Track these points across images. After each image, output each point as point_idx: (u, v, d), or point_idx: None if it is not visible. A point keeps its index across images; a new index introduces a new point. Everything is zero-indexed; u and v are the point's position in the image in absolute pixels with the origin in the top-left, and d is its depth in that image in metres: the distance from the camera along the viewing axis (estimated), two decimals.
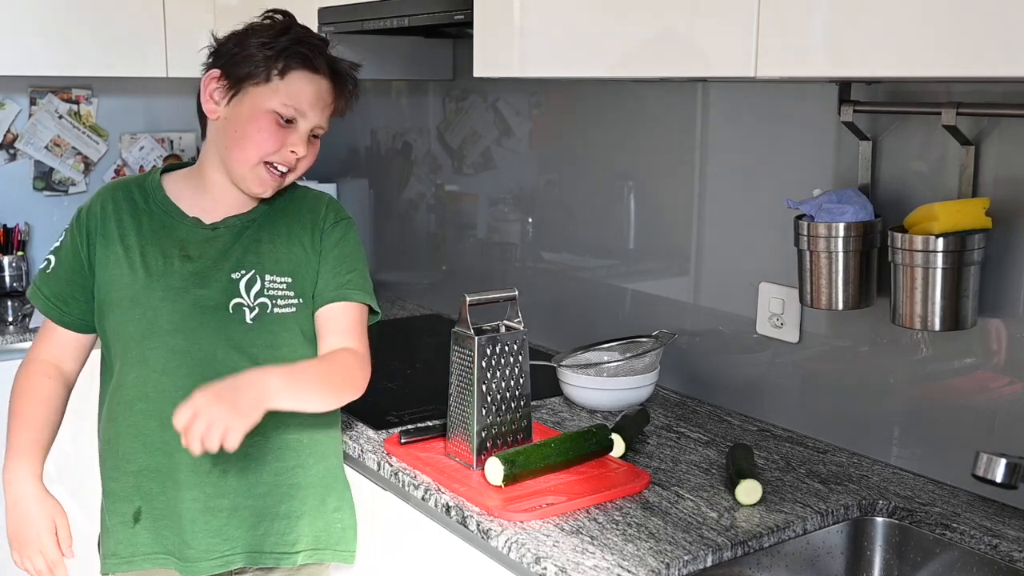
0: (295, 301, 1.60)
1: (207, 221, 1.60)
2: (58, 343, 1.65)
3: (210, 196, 1.61)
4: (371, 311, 1.66)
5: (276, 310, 1.58)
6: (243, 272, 1.58)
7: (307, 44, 1.55)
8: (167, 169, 1.68)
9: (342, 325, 1.61)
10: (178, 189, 1.62)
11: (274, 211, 1.64)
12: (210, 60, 1.59)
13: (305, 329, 1.61)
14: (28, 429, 1.61)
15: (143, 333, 1.56)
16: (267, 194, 1.59)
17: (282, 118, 1.54)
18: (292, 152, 1.55)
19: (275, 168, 1.56)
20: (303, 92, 1.54)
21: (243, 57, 1.53)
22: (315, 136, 1.59)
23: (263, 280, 1.58)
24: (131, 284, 1.56)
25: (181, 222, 1.59)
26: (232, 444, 1.34)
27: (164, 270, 1.56)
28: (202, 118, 1.62)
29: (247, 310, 1.57)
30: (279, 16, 1.59)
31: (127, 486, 1.62)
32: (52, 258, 1.63)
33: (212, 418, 1.33)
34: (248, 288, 1.57)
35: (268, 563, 1.63)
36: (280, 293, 1.59)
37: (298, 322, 1.60)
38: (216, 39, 1.60)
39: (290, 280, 1.60)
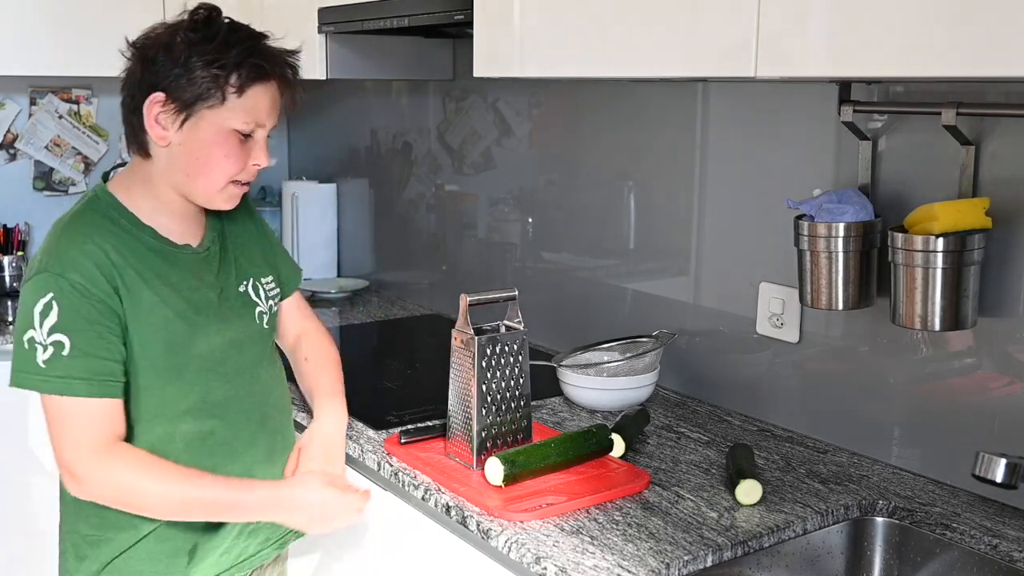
0: (279, 294, 1.68)
1: (194, 245, 1.54)
2: (111, 416, 1.42)
3: (179, 218, 1.52)
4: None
5: (274, 308, 1.65)
6: (246, 282, 1.60)
7: (256, 53, 1.44)
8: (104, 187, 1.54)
9: (304, 307, 1.79)
10: (149, 215, 1.50)
11: (222, 216, 1.60)
12: (138, 74, 1.46)
13: None
14: (217, 480, 1.47)
15: (199, 372, 1.50)
16: (232, 206, 1.54)
17: (242, 134, 1.46)
18: (256, 165, 1.49)
19: (239, 183, 1.51)
20: (261, 104, 1.46)
21: (189, 80, 1.41)
22: (268, 137, 1.53)
23: (260, 284, 1.62)
24: (170, 331, 1.46)
25: (179, 251, 1.51)
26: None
27: (195, 307, 1.49)
28: (132, 132, 1.50)
29: (265, 316, 1.62)
30: (201, 12, 1.46)
31: (179, 526, 1.52)
32: (63, 339, 1.37)
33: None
34: (256, 295, 1.60)
35: (287, 545, 1.71)
36: (272, 292, 1.65)
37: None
38: (135, 46, 1.48)
39: (271, 277, 1.66)
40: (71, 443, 1.40)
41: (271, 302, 1.63)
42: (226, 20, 1.48)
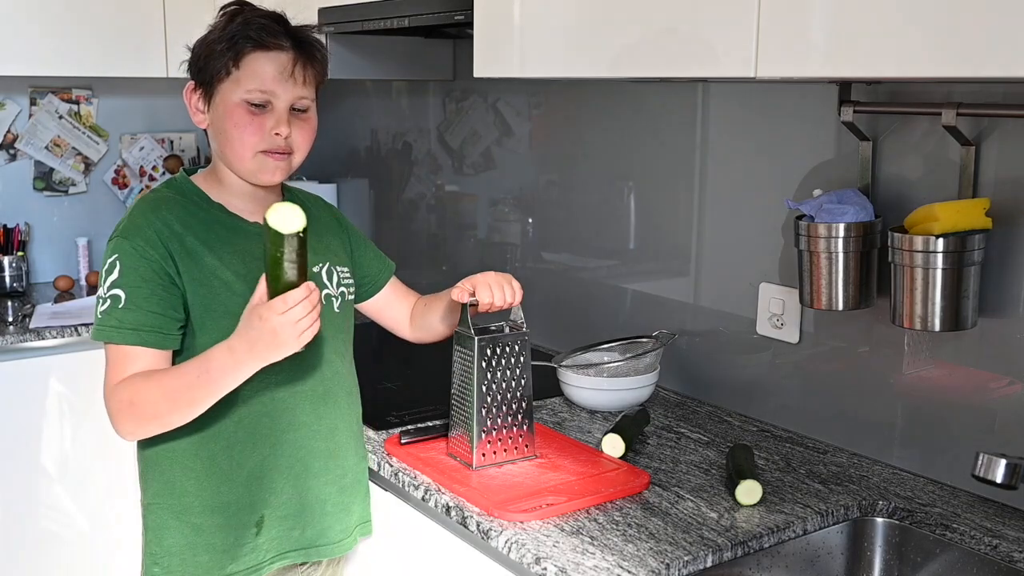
0: (355, 289, 1.71)
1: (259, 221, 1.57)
2: (151, 364, 1.48)
3: (249, 198, 1.58)
4: None
5: (349, 297, 1.69)
6: (320, 265, 1.63)
7: (254, 25, 1.51)
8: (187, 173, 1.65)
9: (404, 288, 1.86)
10: (218, 195, 1.58)
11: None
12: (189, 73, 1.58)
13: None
14: (176, 369, 1.48)
15: None
16: (279, 179, 1.57)
17: (252, 105, 1.51)
18: (276, 135, 1.52)
19: (272, 153, 1.54)
20: (263, 72, 1.51)
21: (205, 59, 1.53)
22: (299, 110, 1.55)
23: (336, 271, 1.66)
24: (233, 296, 1.49)
25: (246, 228, 1.56)
26: None
27: (258, 275, 1.48)
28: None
29: (335, 299, 1.64)
30: (231, 7, 1.56)
31: (243, 497, 1.55)
32: (119, 292, 1.47)
33: None
34: (330, 279, 1.63)
35: (366, 532, 1.72)
36: (347, 281, 1.69)
37: (354, 308, 1.73)
38: (189, 49, 1.59)
39: (348, 270, 1.69)
40: (108, 383, 1.48)
41: (342, 289, 1.66)
42: (251, 8, 1.56)
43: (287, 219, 1.32)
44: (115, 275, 1.48)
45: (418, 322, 1.82)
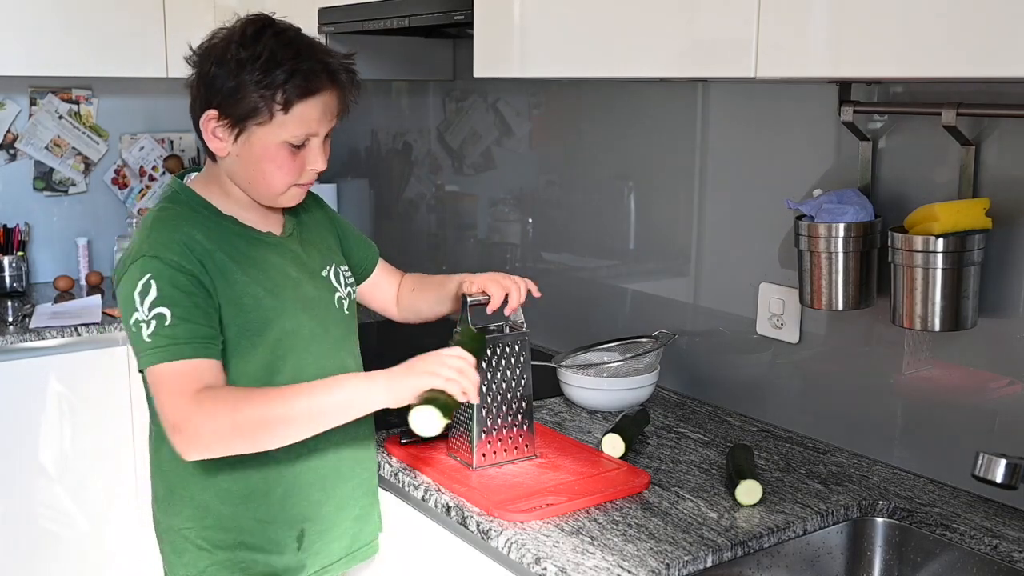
0: (355, 282, 1.71)
1: (277, 233, 1.57)
2: (212, 374, 1.42)
3: (256, 211, 1.55)
4: None
5: (352, 295, 1.69)
6: (328, 268, 1.62)
7: (300, 71, 1.44)
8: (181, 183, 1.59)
9: (390, 268, 1.84)
10: (227, 207, 1.54)
11: (297, 207, 1.63)
12: (198, 88, 1.48)
13: None
14: (310, 388, 1.43)
15: (287, 351, 1.51)
16: (299, 201, 1.57)
17: (293, 145, 1.48)
18: (312, 170, 1.52)
19: (300, 184, 1.53)
20: (309, 117, 1.47)
21: (238, 99, 1.44)
22: (327, 138, 1.55)
23: (340, 271, 1.65)
24: (263, 312, 1.49)
25: (263, 237, 1.54)
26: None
27: (282, 286, 1.52)
28: (200, 139, 1.52)
29: (345, 301, 1.64)
30: (250, 28, 1.46)
31: (280, 514, 1.54)
32: (163, 310, 1.40)
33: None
34: (337, 280, 1.63)
35: (380, 530, 1.72)
36: (350, 280, 1.68)
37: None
38: (196, 55, 1.50)
39: (347, 266, 1.69)
40: (172, 400, 1.39)
41: (349, 289, 1.66)
42: (274, 32, 1.47)
43: (426, 425, 1.38)
44: (152, 295, 1.40)
45: (405, 304, 1.83)
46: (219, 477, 1.50)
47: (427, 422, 1.38)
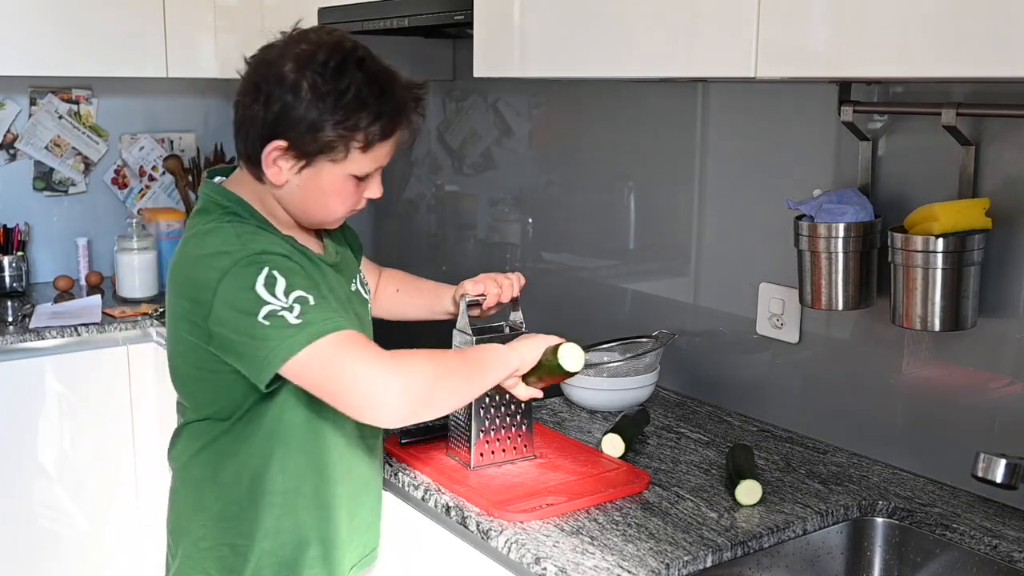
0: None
1: (321, 254, 1.53)
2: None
3: (299, 229, 1.50)
4: None
5: (370, 299, 1.68)
6: (355, 279, 1.62)
7: (386, 114, 1.39)
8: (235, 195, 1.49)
9: (371, 263, 1.82)
10: (280, 227, 1.48)
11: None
12: (263, 113, 1.37)
13: None
14: (454, 351, 1.53)
15: None
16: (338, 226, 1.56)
17: (359, 177, 1.44)
18: (368, 198, 1.49)
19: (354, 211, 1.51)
20: (383, 153, 1.44)
21: (315, 135, 1.36)
22: None
23: (361, 278, 1.65)
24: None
25: (319, 261, 1.50)
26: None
27: (345, 308, 1.51)
28: (247, 156, 1.43)
29: (371, 307, 1.66)
30: (333, 60, 1.37)
31: (337, 525, 1.52)
32: (303, 294, 1.33)
33: None
34: (364, 288, 1.64)
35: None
36: (366, 282, 1.68)
37: None
38: (254, 70, 1.40)
39: (363, 270, 1.69)
40: (360, 370, 1.32)
41: (367, 297, 1.66)
42: (358, 65, 1.39)
43: (575, 361, 1.48)
44: (282, 284, 1.32)
45: (386, 305, 1.81)
46: (298, 494, 1.46)
47: (575, 355, 1.48)
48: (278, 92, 1.36)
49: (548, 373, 1.50)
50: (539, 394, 1.53)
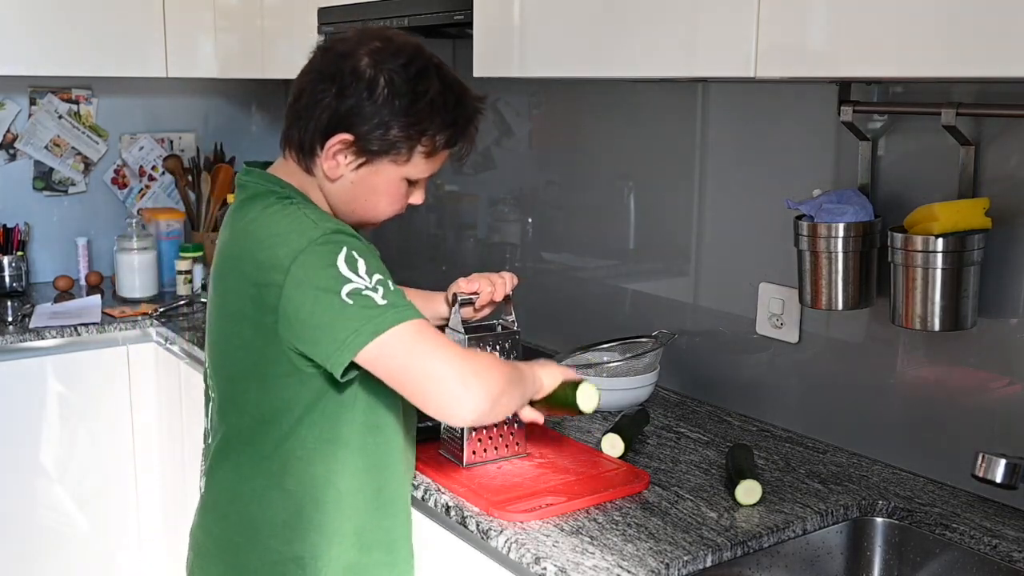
0: None
1: None
2: None
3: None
4: None
5: None
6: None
7: (457, 125, 1.41)
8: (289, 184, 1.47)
9: None
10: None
11: None
12: (334, 106, 1.36)
13: None
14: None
15: None
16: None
17: (411, 181, 1.44)
18: (412, 203, 1.49)
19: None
20: (441, 160, 1.45)
21: (384, 134, 1.36)
22: None
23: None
24: None
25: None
26: None
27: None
28: (300, 146, 1.41)
29: None
30: (415, 64, 1.37)
31: (398, 524, 1.53)
32: (382, 277, 1.33)
33: None
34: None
35: None
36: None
37: None
38: (338, 67, 1.36)
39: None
40: (441, 363, 1.30)
41: None
42: (437, 73, 1.40)
43: (590, 403, 1.51)
44: (363, 265, 1.30)
45: None
46: (316, 491, 1.42)
47: (591, 397, 1.50)
48: (354, 86, 1.35)
49: (559, 405, 1.51)
50: (540, 419, 1.53)
